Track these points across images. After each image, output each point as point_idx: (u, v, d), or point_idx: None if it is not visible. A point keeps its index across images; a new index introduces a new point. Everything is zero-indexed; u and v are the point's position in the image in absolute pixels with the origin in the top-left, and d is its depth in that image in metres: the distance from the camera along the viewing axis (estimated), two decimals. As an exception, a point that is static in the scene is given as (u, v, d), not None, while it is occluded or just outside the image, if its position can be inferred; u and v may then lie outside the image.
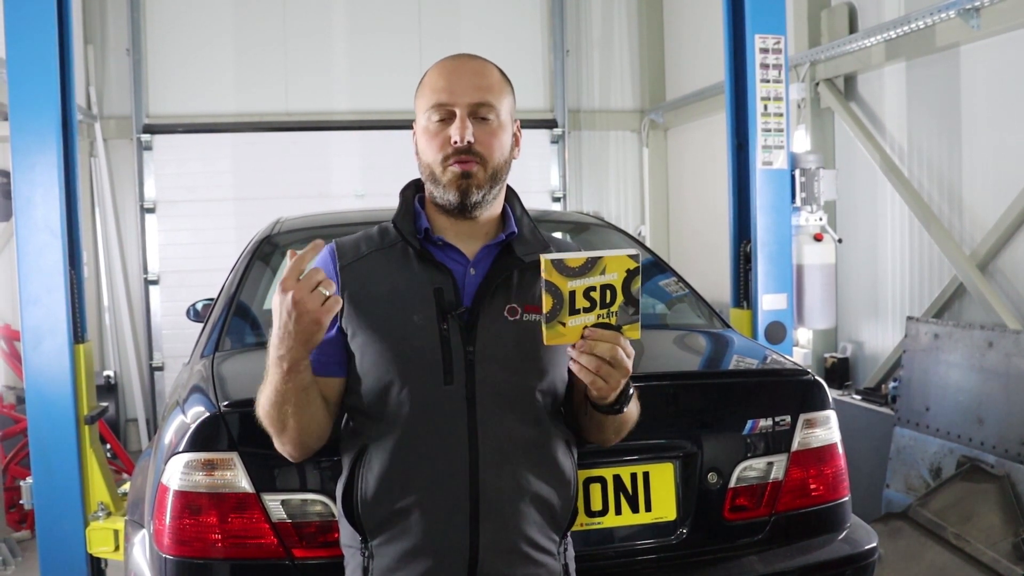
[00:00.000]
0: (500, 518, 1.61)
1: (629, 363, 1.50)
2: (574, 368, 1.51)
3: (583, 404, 1.65)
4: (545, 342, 1.48)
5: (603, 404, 1.59)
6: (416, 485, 1.60)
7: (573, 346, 1.49)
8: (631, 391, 1.60)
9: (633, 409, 1.68)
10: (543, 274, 1.45)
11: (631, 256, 1.47)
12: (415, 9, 8.16)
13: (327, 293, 1.47)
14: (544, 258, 1.45)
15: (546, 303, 1.45)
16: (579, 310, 1.46)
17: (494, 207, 1.72)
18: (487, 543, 1.60)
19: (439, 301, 1.63)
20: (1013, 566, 3.60)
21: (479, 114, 1.65)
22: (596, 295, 1.46)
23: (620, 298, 1.47)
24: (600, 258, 1.46)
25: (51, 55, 3.63)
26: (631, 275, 1.47)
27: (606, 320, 1.47)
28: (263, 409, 1.62)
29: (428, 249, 1.68)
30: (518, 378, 1.62)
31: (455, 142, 1.63)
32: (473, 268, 1.68)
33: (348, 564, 1.70)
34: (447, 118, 1.65)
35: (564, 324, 1.46)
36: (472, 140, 1.63)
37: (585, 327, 1.47)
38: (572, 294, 1.45)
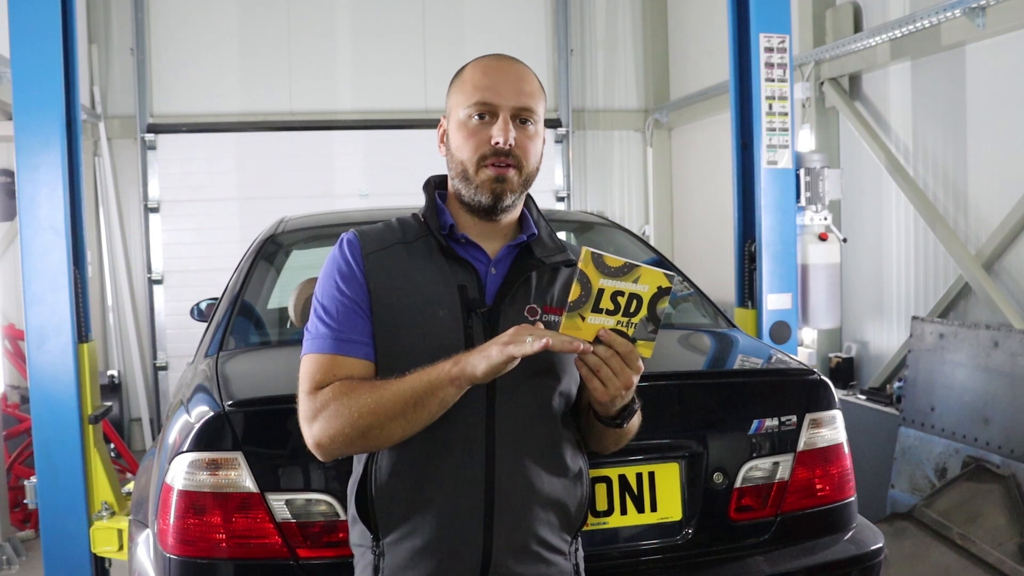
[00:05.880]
0: (514, 518, 1.60)
1: (633, 376, 1.48)
2: (576, 364, 1.50)
3: (587, 412, 1.65)
4: (560, 330, 1.47)
5: (605, 415, 1.57)
6: (431, 483, 1.59)
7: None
8: (636, 406, 1.59)
9: (635, 423, 1.67)
10: (580, 263, 1.44)
11: (667, 275, 1.47)
12: (419, 9, 8.16)
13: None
14: (586, 248, 1.45)
15: (574, 291, 1.45)
16: (602, 310, 1.46)
17: (516, 210, 1.72)
18: (500, 543, 1.59)
19: (463, 298, 1.62)
20: (1018, 566, 3.59)
21: (521, 118, 1.65)
22: (622, 300, 1.46)
23: (644, 312, 1.47)
24: (637, 266, 1.46)
25: (55, 55, 3.63)
26: (661, 293, 1.47)
27: (624, 329, 1.47)
28: (374, 405, 1.51)
29: (452, 245, 1.67)
30: (537, 379, 1.60)
31: (496, 143, 1.61)
32: (494, 267, 1.67)
33: (358, 563, 1.68)
34: (488, 118, 1.64)
35: (583, 318, 1.46)
36: (512, 144, 1.62)
37: (601, 329, 1.46)
38: (600, 292, 1.45)
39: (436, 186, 1.77)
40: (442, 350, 1.54)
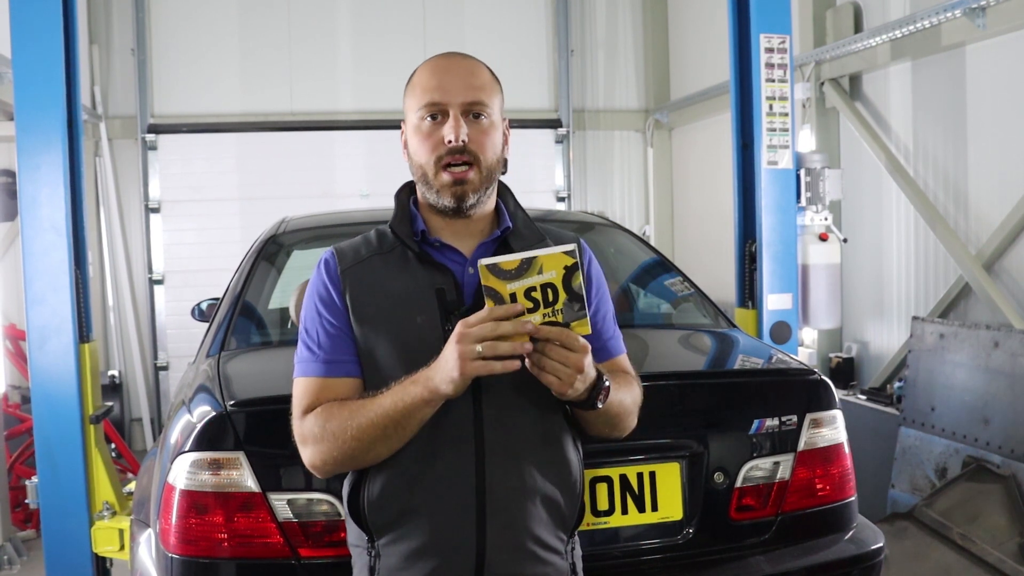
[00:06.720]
0: (507, 516, 1.60)
1: (581, 358, 1.48)
2: (528, 367, 1.49)
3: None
4: None
5: (578, 403, 1.57)
6: (423, 485, 1.60)
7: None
8: (604, 383, 1.56)
9: (625, 401, 1.67)
10: (482, 280, 1.45)
11: (567, 252, 1.47)
12: (419, 9, 8.16)
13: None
14: (481, 263, 1.45)
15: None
16: (523, 312, 1.46)
17: (488, 205, 1.72)
18: (494, 542, 1.59)
19: (441, 301, 1.62)
20: (1019, 566, 3.59)
21: (473, 112, 1.65)
22: (538, 295, 1.46)
23: (563, 295, 1.47)
24: (535, 258, 1.46)
25: (56, 55, 3.63)
26: (570, 271, 1.46)
27: (552, 319, 1.47)
28: (356, 431, 1.55)
29: (426, 251, 1.68)
30: (522, 375, 1.60)
31: (449, 141, 1.62)
32: (471, 267, 1.66)
33: (355, 564, 1.70)
34: (440, 117, 1.64)
35: None
36: (466, 140, 1.62)
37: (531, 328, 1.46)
38: (513, 296, 1.45)
39: (411, 192, 1.77)
40: (422, 356, 1.55)
